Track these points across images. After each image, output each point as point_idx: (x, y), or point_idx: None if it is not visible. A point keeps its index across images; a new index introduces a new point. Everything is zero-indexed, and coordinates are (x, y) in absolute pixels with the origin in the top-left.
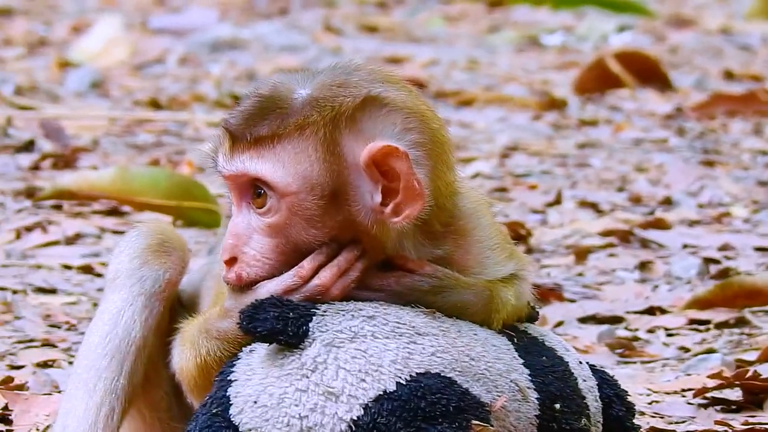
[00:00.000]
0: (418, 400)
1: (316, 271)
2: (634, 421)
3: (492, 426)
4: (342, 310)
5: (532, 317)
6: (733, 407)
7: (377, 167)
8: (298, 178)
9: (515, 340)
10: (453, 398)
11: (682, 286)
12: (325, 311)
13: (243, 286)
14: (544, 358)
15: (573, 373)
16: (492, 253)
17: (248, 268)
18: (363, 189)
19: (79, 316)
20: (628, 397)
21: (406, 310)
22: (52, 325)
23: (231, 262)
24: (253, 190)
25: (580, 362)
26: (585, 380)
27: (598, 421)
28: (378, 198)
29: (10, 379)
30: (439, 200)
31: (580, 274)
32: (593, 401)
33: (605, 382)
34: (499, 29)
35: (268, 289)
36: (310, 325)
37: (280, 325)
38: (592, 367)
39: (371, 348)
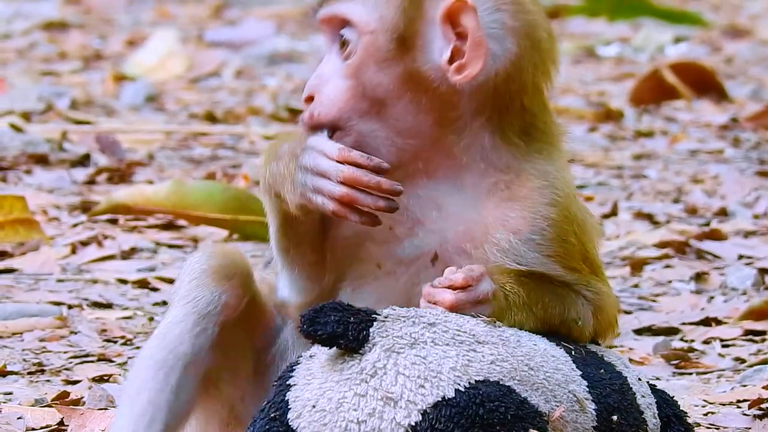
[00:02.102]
0: (477, 408)
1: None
2: None
3: None
4: (403, 317)
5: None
6: None
7: (452, 25)
8: (377, 17)
9: (573, 352)
10: (511, 407)
11: (738, 297)
12: (386, 317)
13: (312, 126)
14: (602, 371)
15: (631, 388)
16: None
17: (320, 107)
18: (434, 44)
19: (134, 331)
20: (687, 418)
21: (466, 318)
22: (107, 340)
23: (308, 100)
24: (341, 36)
25: (639, 379)
26: (644, 396)
27: None
28: (447, 55)
29: (66, 394)
30: (522, 97)
31: (636, 286)
32: (651, 417)
33: (665, 402)
34: None
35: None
36: (371, 330)
37: (341, 329)
38: (651, 386)
39: (431, 354)
